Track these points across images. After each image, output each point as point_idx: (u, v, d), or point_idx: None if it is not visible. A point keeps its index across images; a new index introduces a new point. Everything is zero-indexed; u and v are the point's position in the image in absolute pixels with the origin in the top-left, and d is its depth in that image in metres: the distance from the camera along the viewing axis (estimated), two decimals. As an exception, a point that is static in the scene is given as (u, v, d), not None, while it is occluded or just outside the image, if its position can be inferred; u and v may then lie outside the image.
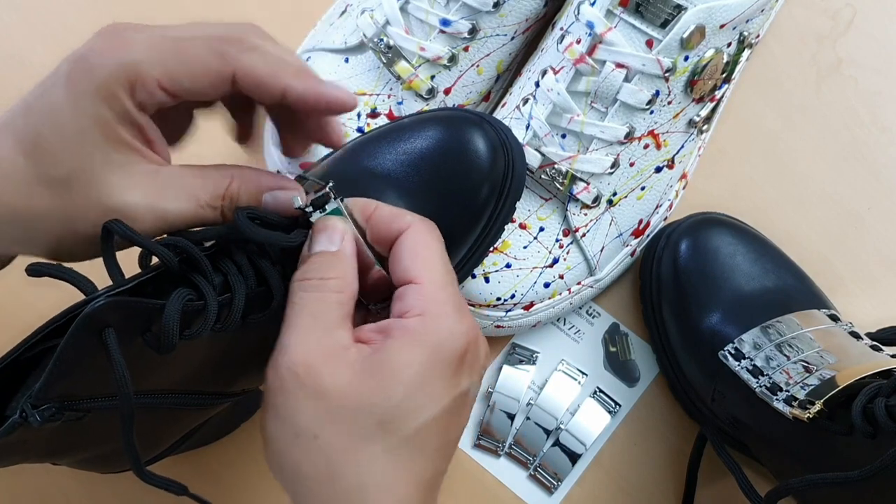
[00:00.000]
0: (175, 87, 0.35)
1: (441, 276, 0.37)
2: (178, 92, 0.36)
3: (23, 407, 0.31)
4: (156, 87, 0.35)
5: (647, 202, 0.55)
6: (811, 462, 0.46)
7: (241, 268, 0.36)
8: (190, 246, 0.35)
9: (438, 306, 0.36)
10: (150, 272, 0.35)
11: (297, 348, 0.34)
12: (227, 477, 0.56)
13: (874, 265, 0.59)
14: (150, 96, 0.35)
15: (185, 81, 0.35)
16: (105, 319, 0.31)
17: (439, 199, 0.43)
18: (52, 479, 0.56)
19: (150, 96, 0.35)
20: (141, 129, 0.35)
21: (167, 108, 0.37)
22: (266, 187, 0.38)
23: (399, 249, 0.37)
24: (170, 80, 0.35)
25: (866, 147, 0.60)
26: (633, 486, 0.56)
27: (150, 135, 0.36)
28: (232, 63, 0.36)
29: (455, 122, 0.44)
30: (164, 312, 0.32)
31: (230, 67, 0.36)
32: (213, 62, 0.36)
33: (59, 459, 0.38)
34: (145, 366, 0.34)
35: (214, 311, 0.34)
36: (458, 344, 0.35)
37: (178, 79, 0.35)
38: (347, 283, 0.36)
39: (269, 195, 0.38)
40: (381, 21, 0.53)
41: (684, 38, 0.48)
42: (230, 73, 0.36)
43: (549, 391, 0.57)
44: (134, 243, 0.34)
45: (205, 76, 0.36)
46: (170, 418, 0.41)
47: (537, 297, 0.54)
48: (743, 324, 0.51)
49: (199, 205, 0.36)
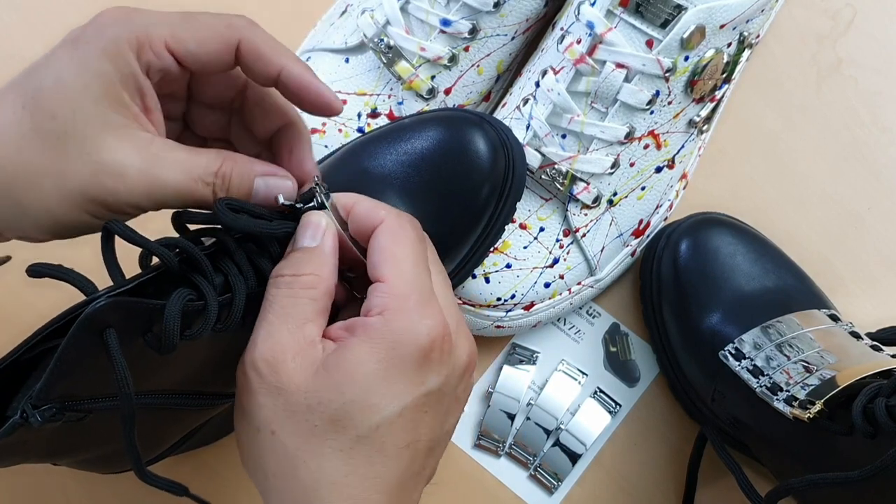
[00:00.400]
0: (181, 49, 0.35)
1: (408, 272, 0.36)
2: (184, 56, 0.36)
3: (23, 407, 0.31)
4: (163, 48, 0.35)
5: (647, 202, 0.55)
6: (811, 462, 0.46)
7: (241, 268, 0.36)
8: (190, 246, 0.35)
9: (400, 303, 0.35)
10: (150, 272, 0.34)
11: (262, 345, 0.35)
12: (227, 477, 0.56)
13: (874, 265, 0.59)
14: (156, 58, 0.35)
15: (192, 44, 0.36)
16: (106, 320, 0.31)
17: (440, 199, 0.43)
18: (52, 479, 0.56)
19: (157, 58, 0.35)
20: (142, 94, 0.35)
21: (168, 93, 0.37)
22: (258, 172, 0.38)
23: (371, 247, 0.37)
24: (177, 42, 0.35)
25: (866, 147, 0.60)
26: (634, 486, 0.56)
27: (149, 103, 0.36)
28: (238, 33, 0.36)
29: (455, 123, 0.44)
30: (165, 313, 0.32)
31: (236, 36, 0.36)
32: (220, 28, 0.36)
33: (60, 460, 0.38)
34: (146, 366, 0.34)
35: (215, 311, 0.34)
36: (421, 341, 0.35)
37: (186, 41, 0.36)
38: (322, 278, 0.36)
39: (260, 180, 0.37)
40: (381, 21, 0.53)
41: (684, 39, 0.48)
42: (235, 42, 0.36)
43: (549, 391, 0.57)
44: (134, 243, 0.34)
45: (211, 40, 0.36)
46: (170, 419, 0.41)
47: (537, 297, 0.54)
48: (743, 324, 0.51)
49: (191, 178, 0.35)
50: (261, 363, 0.35)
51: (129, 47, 0.34)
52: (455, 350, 0.37)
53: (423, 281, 0.37)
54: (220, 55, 0.36)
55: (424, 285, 0.36)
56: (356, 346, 0.35)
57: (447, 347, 0.36)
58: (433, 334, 0.35)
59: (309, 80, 0.37)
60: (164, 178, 0.35)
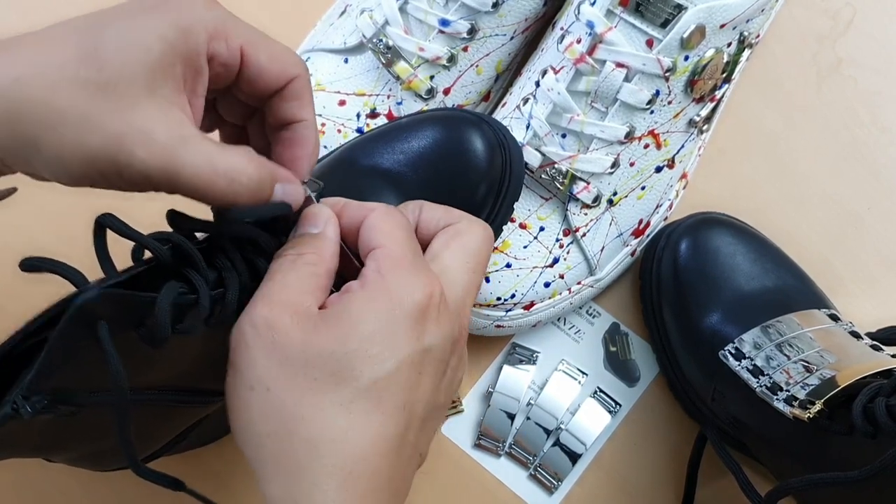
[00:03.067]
0: (254, 56, 0.36)
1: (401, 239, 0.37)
2: (253, 63, 0.36)
3: (14, 399, 0.31)
4: (237, 46, 0.36)
5: (647, 202, 0.55)
6: (811, 462, 0.46)
7: (234, 262, 0.36)
8: (183, 240, 0.34)
9: (395, 262, 0.36)
10: (142, 265, 0.34)
11: (260, 304, 0.35)
12: (226, 476, 0.56)
13: (874, 265, 0.59)
14: (228, 51, 0.36)
15: (264, 57, 0.37)
16: (97, 312, 0.31)
17: (437, 198, 0.43)
18: (50, 477, 0.56)
19: (228, 51, 0.36)
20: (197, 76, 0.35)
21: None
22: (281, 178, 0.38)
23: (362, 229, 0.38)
24: (252, 47, 0.36)
25: (866, 147, 0.60)
26: (634, 486, 0.56)
27: (199, 88, 0.36)
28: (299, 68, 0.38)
29: (453, 122, 0.44)
30: (156, 304, 0.32)
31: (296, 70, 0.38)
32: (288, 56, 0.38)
33: (53, 455, 0.38)
34: (139, 361, 0.34)
35: (207, 304, 0.34)
36: (417, 296, 0.35)
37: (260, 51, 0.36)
38: (324, 258, 0.37)
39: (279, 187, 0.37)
40: (380, 21, 0.53)
41: (684, 38, 0.48)
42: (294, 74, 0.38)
43: (549, 391, 0.57)
44: (127, 237, 0.34)
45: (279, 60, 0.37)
46: (165, 415, 0.41)
47: (537, 297, 0.54)
48: (743, 323, 0.51)
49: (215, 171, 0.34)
50: (258, 319, 0.34)
51: (203, 30, 0.35)
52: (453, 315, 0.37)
53: (415, 249, 0.37)
54: (277, 80, 0.37)
55: (417, 252, 0.37)
56: (355, 300, 0.35)
57: (443, 307, 0.36)
58: (428, 290, 0.35)
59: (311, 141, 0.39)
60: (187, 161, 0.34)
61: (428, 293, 0.35)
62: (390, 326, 0.34)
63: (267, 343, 0.34)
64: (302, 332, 0.34)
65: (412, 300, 0.35)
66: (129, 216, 0.35)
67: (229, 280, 0.35)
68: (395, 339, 0.34)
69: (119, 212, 0.35)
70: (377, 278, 0.35)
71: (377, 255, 0.36)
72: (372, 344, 0.34)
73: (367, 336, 0.34)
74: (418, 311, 0.35)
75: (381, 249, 0.36)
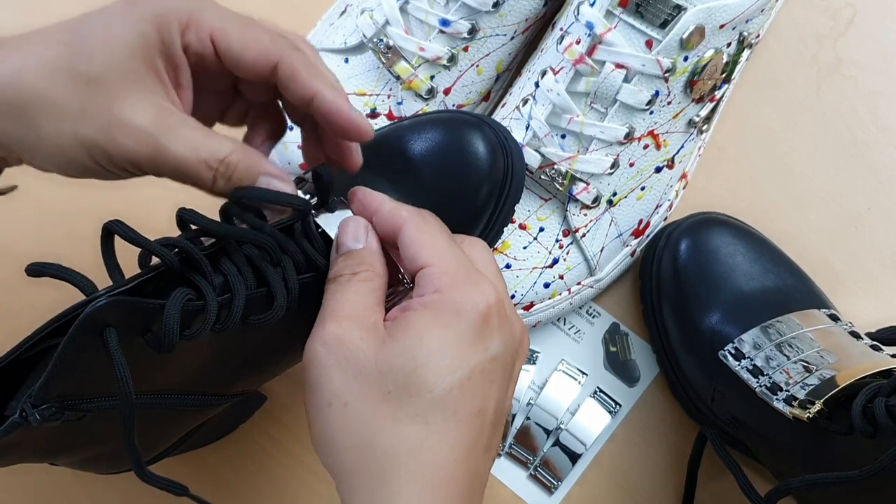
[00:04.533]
0: (223, 44, 0.37)
1: (447, 254, 0.38)
2: (223, 51, 0.37)
3: (23, 406, 0.31)
4: (206, 36, 0.37)
5: (646, 202, 0.55)
6: (811, 462, 0.46)
7: (240, 268, 0.36)
8: (189, 246, 0.35)
9: (451, 279, 0.36)
10: (150, 272, 0.34)
11: (329, 323, 0.36)
12: (226, 477, 0.56)
13: (874, 265, 0.59)
14: (198, 42, 0.37)
15: (235, 44, 0.37)
16: (106, 319, 0.31)
17: (438, 200, 0.43)
18: (52, 479, 0.56)
19: (199, 42, 0.37)
20: (176, 67, 0.37)
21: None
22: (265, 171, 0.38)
23: (403, 246, 0.38)
24: (222, 36, 0.37)
25: (866, 147, 0.60)
26: (633, 486, 0.56)
27: (182, 79, 0.37)
28: (280, 52, 0.38)
29: (454, 125, 0.44)
30: (165, 312, 0.32)
31: (278, 54, 0.38)
32: (266, 40, 0.38)
33: (58, 459, 0.38)
34: (145, 366, 0.34)
35: (214, 310, 0.34)
36: (480, 307, 0.36)
37: (230, 39, 0.37)
38: (377, 272, 0.38)
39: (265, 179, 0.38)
40: (380, 21, 0.53)
41: (684, 39, 0.48)
42: (276, 57, 0.38)
43: (549, 391, 0.57)
44: (134, 243, 0.34)
45: (253, 49, 0.37)
46: (169, 419, 0.41)
47: (537, 298, 0.54)
48: (743, 323, 0.51)
49: (197, 158, 0.36)
50: (329, 336, 0.35)
51: (176, 22, 0.36)
52: (510, 318, 0.38)
53: (462, 257, 0.38)
54: (257, 65, 0.38)
55: (465, 261, 0.38)
56: (420, 316, 0.36)
57: (504, 314, 0.37)
58: (489, 300, 0.36)
59: (339, 107, 0.38)
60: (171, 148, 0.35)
61: (489, 302, 0.36)
62: (458, 339, 0.35)
63: (340, 359, 0.35)
64: (372, 346, 0.35)
65: (476, 311, 0.36)
66: (136, 222, 0.35)
67: (236, 286, 0.36)
68: (464, 350, 0.35)
69: (126, 217, 0.35)
70: (438, 298, 0.36)
71: (432, 275, 0.37)
72: (442, 356, 0.35)
73: (437, 349, 0.35)
74: (482, 322, 0.36)
75: (431, 268, 0.37)
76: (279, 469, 0.57)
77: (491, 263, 0.40)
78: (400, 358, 0.35)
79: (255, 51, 0.37)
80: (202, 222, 0.36)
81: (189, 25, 0.36)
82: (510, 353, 0.38)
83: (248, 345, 0.39)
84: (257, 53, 0.37)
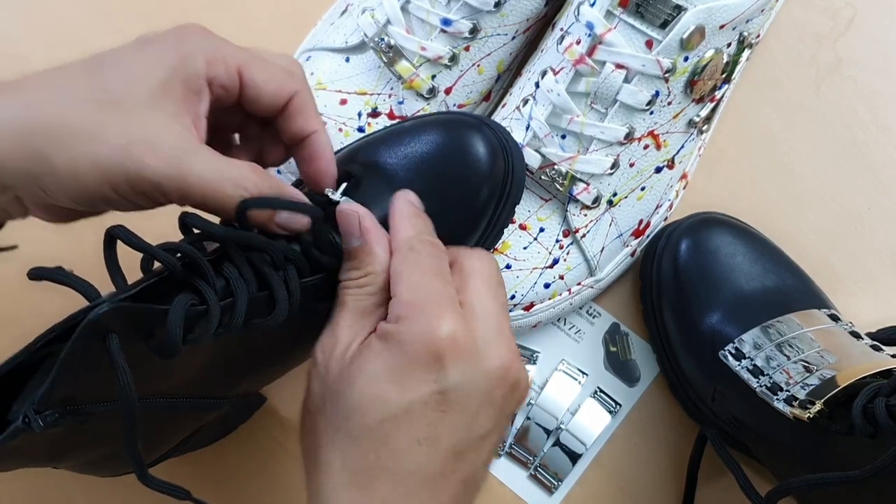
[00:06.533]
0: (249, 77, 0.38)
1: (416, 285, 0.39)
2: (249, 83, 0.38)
3: (26, 412, 0.31)
4: (234, 70, 0.38)
5: (647, 202, 0.55)
6: (811, 462, 0.46)
7: (242, 272, 0.36)
8: (192, 251, 0.35)
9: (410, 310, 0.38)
10: (152, 277, 0.34)
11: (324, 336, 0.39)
12: (225, 477, 0.56)
13: (874, 265, 0.59)
14: (226, 74, 0.38)
15: (259, 77, 0.39)
16: (108, 325, 0.31)
17: (439, 202, 0.43)
18: (53, 481, 0.56)
19: (227, 75, 0.38)
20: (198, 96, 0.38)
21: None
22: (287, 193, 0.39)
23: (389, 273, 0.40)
24: (248, 69, 0.38)
25: (866, 147, 0.60)
26: (633, 486, 0.57)
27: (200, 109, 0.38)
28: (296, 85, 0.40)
29: (455, 126, 0.44)
30: (168, 317, 0.32)
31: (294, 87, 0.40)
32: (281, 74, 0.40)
33: (60, 463, 0.38)
34: (147, 370, 0.34)
35: (217, 315, 0.34)
36: (432, 340, 0.37)
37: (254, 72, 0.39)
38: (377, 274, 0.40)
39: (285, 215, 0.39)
40: (381, 20, 0.53)
41: (684, 39, 0.48)
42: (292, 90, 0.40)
43: (549, 391, 0.57)
44: (137, 248, 0.34)
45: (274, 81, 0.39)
46: (171, 422, 0.41)
47: (537, 298, 0.55)
48: (743, 323, 0.51)
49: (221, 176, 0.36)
50: (318, 352, 0.39)
51: (201, 55, 0.37)
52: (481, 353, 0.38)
53: (436, 289, 0.39)
54: (275, 98, 0.39)
55: (438, 293, 0.38)
56: (373, 344, 0.38)
57: (466, 348, 0.37)
58: (446, 334, 0.37)
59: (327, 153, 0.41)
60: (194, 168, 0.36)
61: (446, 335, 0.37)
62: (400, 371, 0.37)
63: (318, 374, 0.39)
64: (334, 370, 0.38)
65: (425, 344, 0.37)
66: (139, 228, 0.35)
67: (238, 290, 0.36)
68: (405, 382, 0.36)
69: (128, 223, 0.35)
70: (394, 327, 0.38)
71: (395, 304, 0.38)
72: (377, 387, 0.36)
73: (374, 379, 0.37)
74: (432, 355, 0.37)
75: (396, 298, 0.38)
76: (281, 470, 0.57)
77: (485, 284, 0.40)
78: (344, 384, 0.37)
79: (277, 83, 0.39)
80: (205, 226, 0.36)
81: (215, 59, 0.37)
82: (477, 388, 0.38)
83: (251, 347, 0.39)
84: (277, 86, 0.39)
